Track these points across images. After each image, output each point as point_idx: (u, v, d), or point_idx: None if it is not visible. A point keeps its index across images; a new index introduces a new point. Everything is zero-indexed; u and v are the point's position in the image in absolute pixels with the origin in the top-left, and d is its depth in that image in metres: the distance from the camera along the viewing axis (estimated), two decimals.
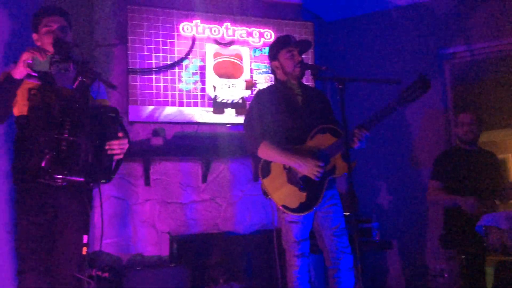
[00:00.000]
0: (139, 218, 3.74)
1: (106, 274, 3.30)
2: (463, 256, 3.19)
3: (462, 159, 3.43)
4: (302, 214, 2.61)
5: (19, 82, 2.19)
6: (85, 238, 1.99)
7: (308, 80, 4.18)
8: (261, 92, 2.84)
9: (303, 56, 2.81)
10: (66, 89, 2.31)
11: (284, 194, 2.62)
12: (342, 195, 4.13)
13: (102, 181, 2.24)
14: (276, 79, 2.87)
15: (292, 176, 2.62)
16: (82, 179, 2.15)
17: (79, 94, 2.21)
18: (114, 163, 2.31)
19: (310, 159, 2.57)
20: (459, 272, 3.36)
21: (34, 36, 2.44)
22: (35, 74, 2.27)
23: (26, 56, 2.10)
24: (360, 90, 4.38)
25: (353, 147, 2.57)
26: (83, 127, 2.13)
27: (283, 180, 2.63)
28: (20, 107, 2.31)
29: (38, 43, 2.43)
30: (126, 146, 2.29)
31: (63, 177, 2.10)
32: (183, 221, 3.83)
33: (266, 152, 2.64)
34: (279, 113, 2.69)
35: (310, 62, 4.20)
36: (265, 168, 2.67)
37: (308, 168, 2.57)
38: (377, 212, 4.04)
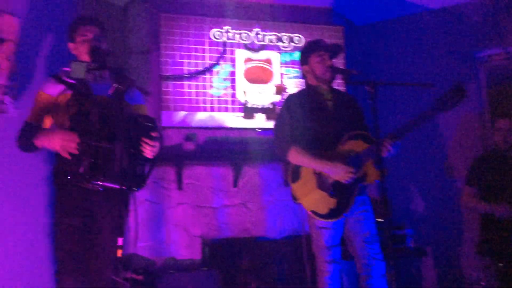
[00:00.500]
0: (172, 221, 3.80)
1: (140, 277, 3.36)
2: (501, 264, 3.09)
3: (498, 164, 3.34)
4: (332, 220, 2.58)
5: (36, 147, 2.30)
6: (120, 241, 2.02)
7: (339, 84, 4.17)
8: (291, 96, 2.83)
9: (334, 60, 2.80)
10: (102, 97, 2.37)
11: (314, 200, 2.60)
12: (374, 201, 4.09)
13: (133, 188, 2.28)
14: (306, 83, 2.85)
15: (322, 182, 2.60)
16: (117, 186, 2.19)
17: (114, 101, 2.25)
18: (146, 170, 2.35)
19: (341, 164, 2.55)
20: (497, 280, 3.26)
21: (71, 45, 2.51)
22: (73, 82, 2.35)
23: (61, 145, 2.17)
24: (392, 94, 4.33)
25: (384, 156, 2.53)
26: (119, 135, 2.17)
27: (313, 185, 2.62)
28: (59, 118, 2.39)
29: (75, 52, 2.51)
30: (157, 148, 2.31)
31: (100, 183, 2.16)
32: (214, 225, 3.86)
33: (296, 157, 2.63)
34: (309, 118, 2.67)
35: (341, 66, 4.17)
36: (295, 173, 2.67)
37: (339, 173, 2.54)
38: (411, 219, 3.97)
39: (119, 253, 2.01)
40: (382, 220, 3.61)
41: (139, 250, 3.74)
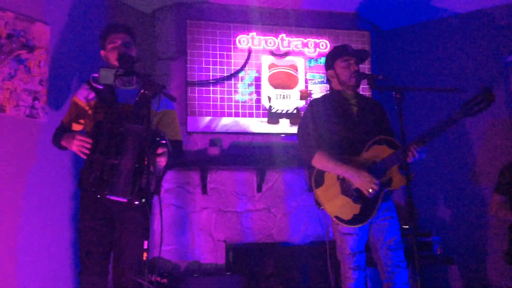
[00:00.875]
0: (196, 226, 3.83)
1: (165, 280, 3.39)
2: None
3: None
4: (355, 226, 2.56)
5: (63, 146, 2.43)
6: (145, 244, 2.05)
7: (365, 89, 4.15)
8: (315, 101, 2.82)
9: (360, 65, 2.78)
10: (126, 104, 2.43)
11: (337, 205, 2.59)
12: (400, 207, 4.04)
13: (135, 202, 2.30)
14: (331, 88, 2.84)
15: (346, 187, 2.58)
16: (125, 200, 2.26)
17: (140, 107, 2.34)
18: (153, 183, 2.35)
19: (366, 173, 2.52)
20: None
21: (102, 53, 2.58)
22: (101, 87, 2.42)
23: (77, 148, 2.30)
24: (419, 99, 4.28)
25: (409, 161, 2.50)
26: (125, 150, 2.25)
27: (337, 190, 2.60)
28: (87, 123, 2.50)
29: (105, 59, 2.58)
30: (163, 163, 2.35)
31: (105, 196, 2.23)
32: (238, 229, 3.88)
33: (321, 161, 2.61)
34: (334, 123, 2.66)
35: (367, 71, 4.15)
36: (319, 178, 2.66)
37: (363, 183, 2.52)
38: (437, 226, 3.90)
39: (145, 256, 2.04)
40: (408, 226, 3.58)
41: (164, 254, 3.79)
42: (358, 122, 2.68)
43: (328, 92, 2.89)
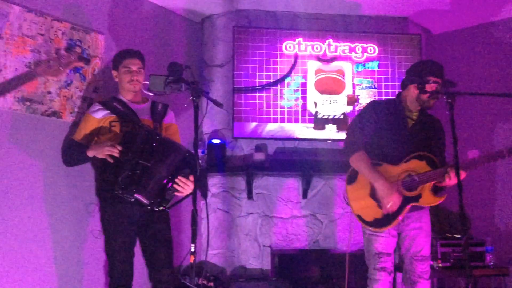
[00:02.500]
0: (242, 231, 3.86)
1: (211, 284, 3.44)
2: None
3: None
4: (374, 229, 2.60)
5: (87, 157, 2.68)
6: (192, 247, 2.10)
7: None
8: (375, 103, 2.85)
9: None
10: (147, 120, 2.74)
11: (363, 205, 2.64)
12: (453, 215, 3.89)
13: (155, 208, 2.56)
14: (400, 94, 2.77)
15: (375, 191, 2.60)
16: (147, 201, 2.51)
17: (155, 121, 2.75)
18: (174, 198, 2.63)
19: (394, 191, 2.52)
20: None
21: (114, 73, 2.88)
22: (120, 108, 2.73)
23: (106, 153, 2.55)
24: (472, 104, 4.13)
25: (442, 183, 2.52)
26: (160, 158, 2.50)
27: (366, 192, 2.64)
28: (100, 138, 2.74)
29: (117, 79, 2.88)
30: (189, 191, 2.52)
31: (132, 194, 2.47)
32: (284, 235, 3.87)
33: (358, 162, 2.63)
34: (384, 129, 2.66)
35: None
36: (352, 176, 2.71)
37: (386, 197, 2.53)
38: (492, 236, 3.74)
39: (191, 259, 2.09)
40: (460, 235, 3.45)
41: (210, 258, 3.84)
42: (408, 135, 2.66)
43: (395, 97, 2.81)
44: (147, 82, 2.41)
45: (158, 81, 2.30)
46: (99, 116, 2.75)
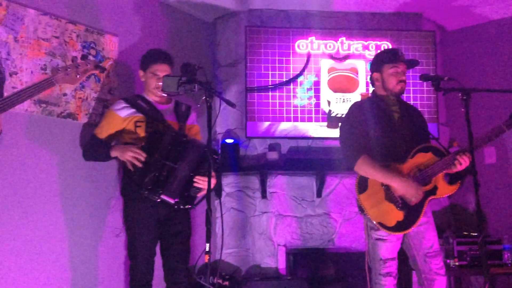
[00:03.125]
0: (257, 230, 3.87)
1: (226, 283, 3.45)
2: None
3: None
4: (399, 233, 2.54)
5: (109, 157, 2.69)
6: (207, 247, 2.11)
7: (429, 91, 4.01)
8: (358, 104, 2.78)
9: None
10: (172, 121, 2.74)
11: (381, 211, 2.55)
12: (469, 213, 3.85)
13: (181, 206, 2.62)
14: (373, 92, 2.79)
15: (390, 194, 2.55)
16: (172, 201, 2.55)
17: (180, 121, 2.73)
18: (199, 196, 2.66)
19: (411, 182, 2.50)
20: None
21: (140, 72, 2.86)
22: (145, 106, 2.73)
23: (130, 158, 2.55)
24: (487, 100, 4.07)
25: (453, 170, 2.48)
26: (184, 158, 2.52)
27: (381, 197, 2.56)
28: (125, 138, 2.74)
29: (143, 79, 2.86)
30: (211, 185, 2.51)
31: (158, 196, 2.51)
32: (298, 234, 3.87)
33: (364, 167, 2.55)
34: (376, 128, 2.62)
35: (432, 72, 4.01)
36: (362, 184, 2.61)
37: (407, 191, 2.49)
38: (509, 233, 3.69)
39: (206, 258, 2.10)
40: (476, 234, 3.41)
41: (225, 257, 3.85)
42: (399, 128, 2.64)
43: (370, 96, 2.84)
44: (161, 84, 2.43)
45: (172, 82, 2.31)
46: (124, 114, 2.74)
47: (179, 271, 2.72)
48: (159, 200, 2.54)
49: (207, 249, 2.10)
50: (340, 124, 2.82)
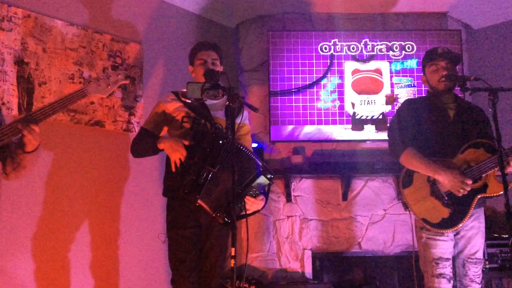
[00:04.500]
0: (282, 234, 3.86)
1: (253, 287, 3.45)
2: None
3: None
4: (444, 231, 2.44)
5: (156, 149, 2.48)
6: (232, 251, 2.11)
7: (456, 91, 3.93)
8: (411, 100, 2.78)
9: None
10: (219, 118, 2.55)
11: (426, 208, 2.48)
12: (498, 214, 3.75)
13: (219, 220, 2.39)
14: (427, 91, 2.77)
15: (436, 189, 2.48)
16: (210, 210, 2.36)
17: (228, 120, 2.46)
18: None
19: (457, 173, 2.40)
20: None
21: (190, 68, 2.73)
22: (189, 101, 2.55)
23: (175, 158, 2.38)
24: None
25: (507, 169, 2.34)
26: (226, 163, 2.32)
27: (426, 192, 2.50)
28: (172, 131, 2.61)
29: (193, 75, 2.72)
30: (259, 208, 2.45)
31: (195, 199, 2.33)
32: (324, 238, 3.84)
33: (410, 159, 2.51)
34: (427, 124, 2.57)
35: (458, 72, 3.93)
36: (407, 178, 2.56)
37: (453, 183, 2.40)
38: None
39: (232, 262, 2.10)
40: (507, 235, 3.33)
41: (251, 261, 3.86)
42: (453, 125, 2.57)
43: (426, 94, 2.80)
44: (185, 90, 2.45)
45: (196, 88, 2.33)
46: (172, 107, 2.60)
47: (212, 279, 2.54)
48: (197, 204, 2.37)
49: (233, 253, 2.10)
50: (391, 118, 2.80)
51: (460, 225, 2.43)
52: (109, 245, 3.09)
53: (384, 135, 3.69)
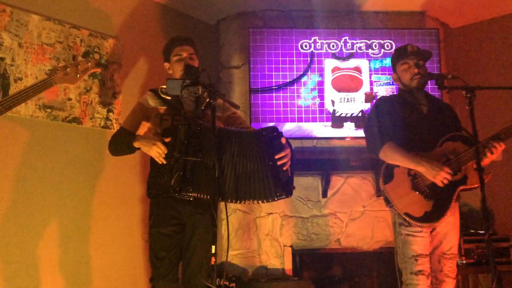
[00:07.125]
0: (262, 231, 3.86)
1: (233, 285, 3.45)
2: None
3: None
4: (427, 224, 2.45)
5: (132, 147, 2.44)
6: (213, 248, 2.10)
7: (433, 90, 3.99)
8: (383, 98, 2.82)
9: (428, 65, 2.70)
10: (192, 111, 2.52)
11: (408, 202, 2.48)
12: (475, 210, 3.82)
13: (282, 196, 2.40)
14: (399, 89, 2.81)
15: (417, 183, 2.50)
16: (206, 197, 2.27)
17: (211, 115, 2.31)
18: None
19: (437, 164, 2.44)
20: None
21: (166, 65, 2.69)
22: (169, 98, 2.53)
23: (156, 153, 2.34)
24: (492, 98, 4.05)
25: (484, 160, 2.40)
26: (209, 148, 2.25)
27: (407, 186, 2.51)
28: (152, 128, 2.58)
29: (170, 71, 2.69)
30: (290, 154, 2.44)
31: (190, 194, 2.23)
32: (304, 235, 3.86)
33: (390, 153, 2.53)
34: (404, 120, 2.60)
35: (436, 70, 4.00)
36: (387, 174, 2.56)
37: (434, 173, 2.42)
38: None
39: (213, 260, 2.09)
40: (483, 231, 3.40)
41: (232, 258, 3.85)
42: (428, 120, 2.61)
43: (397, 93, 2.85)
44: (164, 86, 2.42)
45: (175, 84, 2.31)
46: (150, 105, 2.57)
47: (195, 279, 2.50)
48: (191, 198, 2.27)
49: (213, 251, 2.09)
50: (366, 116, 2.82)
51: (443, 218, 2.45)
52: (83, 244, 3.05)
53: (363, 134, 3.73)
